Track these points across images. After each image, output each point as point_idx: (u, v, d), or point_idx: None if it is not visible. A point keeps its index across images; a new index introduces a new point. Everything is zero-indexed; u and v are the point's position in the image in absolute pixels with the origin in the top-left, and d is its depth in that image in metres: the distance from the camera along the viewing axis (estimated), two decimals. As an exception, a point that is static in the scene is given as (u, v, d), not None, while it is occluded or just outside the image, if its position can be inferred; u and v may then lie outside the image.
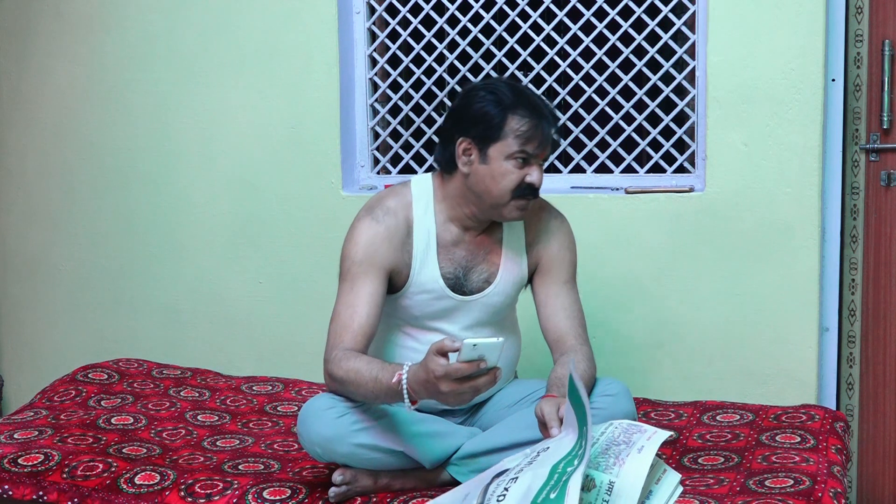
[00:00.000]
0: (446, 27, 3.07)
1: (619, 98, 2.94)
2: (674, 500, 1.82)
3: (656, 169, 2.95)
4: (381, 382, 1.91)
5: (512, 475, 1.76)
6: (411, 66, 3.13)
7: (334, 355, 2.02)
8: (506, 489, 1.74)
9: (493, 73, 3.05)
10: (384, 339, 2.22)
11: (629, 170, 2.96)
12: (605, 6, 2.91)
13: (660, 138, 2.93)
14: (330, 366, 2.02)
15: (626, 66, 2.93)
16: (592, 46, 2.94)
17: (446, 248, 2.17)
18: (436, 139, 3.16)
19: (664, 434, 1.77)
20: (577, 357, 2.10)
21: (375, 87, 3.17)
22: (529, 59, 2.99)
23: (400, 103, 3.17)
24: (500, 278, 2.20)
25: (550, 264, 2.23)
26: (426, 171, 3.15)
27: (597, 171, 3.00)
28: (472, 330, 2.19)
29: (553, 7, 2.95)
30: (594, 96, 2.97)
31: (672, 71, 2.88)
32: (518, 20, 3.00)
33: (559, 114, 2.72)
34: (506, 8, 3.01)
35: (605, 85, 2.95)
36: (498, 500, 1.72)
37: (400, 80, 3.15)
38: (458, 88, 3.10)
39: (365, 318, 2.06)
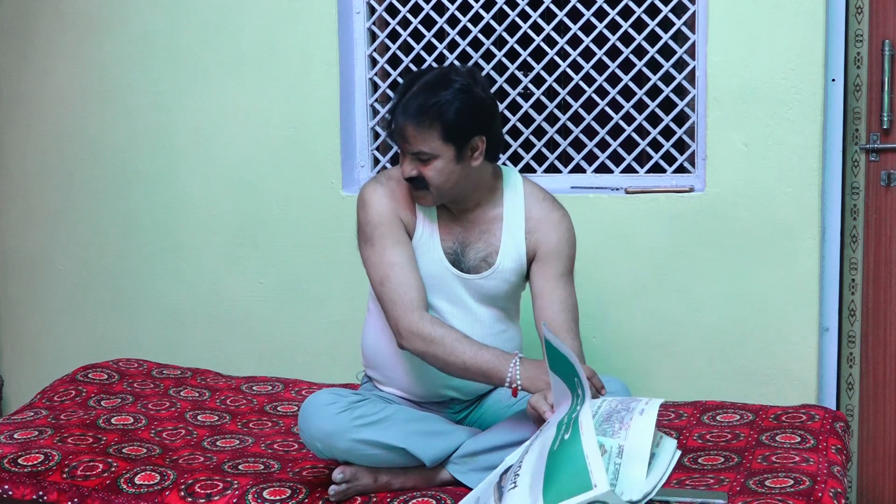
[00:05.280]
0: (446, 27, 3.07)
1: (619, 98, 2.94)
2: (675, 463, 1.91)
3: (656, 169, 2.95)
4: (481, 361, 2.02)
5: (521, 455, 1.79)
6: (411, 66, 3.13)
7: (419, 314, 2.08)
8: (520, 464, 1.76)
9: (494, 74, 3.05)
10: (382, 321, 2.21)
11: (629, 170, 2.96)
12: (605, 6, 2.91)
13: (660, 138, 2.93)
14: (418, 324, 2.08)
15: (626, 66, 2.92)
16: (592, 46, 2.94)
17: (445, 223, 2.21)
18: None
19: (659, 400, 1.84)
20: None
21: (375, 87, 3.17)
22: (529, 59, 2.99)
23: (400, 103, 3.17)
24: (499, 260, 2.20)
25: (549, 255, 2.21)
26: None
27: (597, 171, 3.00)
28: (473, 311, 2.20)
29: (553, 7, 2.95)
30: (594, 96, 2.97)
31: (672, 71, 2.88)
32: (518, 20, 3.00)
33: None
34: (506, 8, 3.00)
35: (605, 85, 2.94)
36: (516, 475, 1.74)
37: (400, 80, 3.15)
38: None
39: (414, 279, 2.12)
